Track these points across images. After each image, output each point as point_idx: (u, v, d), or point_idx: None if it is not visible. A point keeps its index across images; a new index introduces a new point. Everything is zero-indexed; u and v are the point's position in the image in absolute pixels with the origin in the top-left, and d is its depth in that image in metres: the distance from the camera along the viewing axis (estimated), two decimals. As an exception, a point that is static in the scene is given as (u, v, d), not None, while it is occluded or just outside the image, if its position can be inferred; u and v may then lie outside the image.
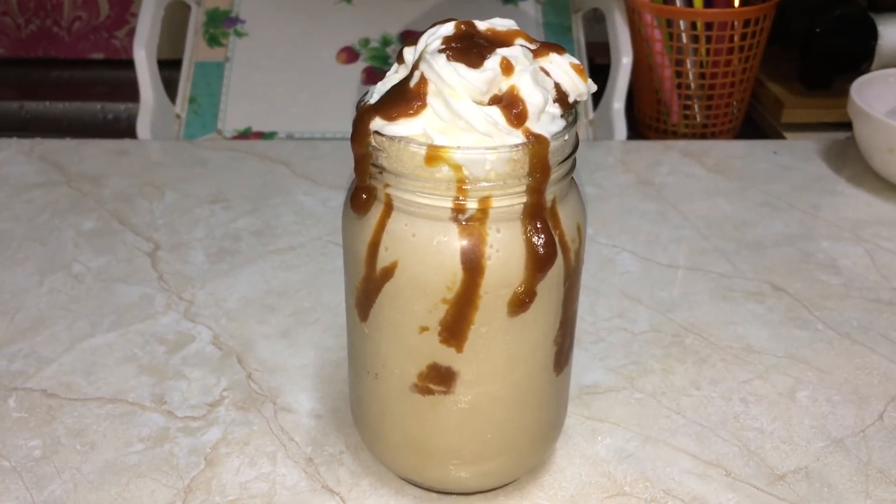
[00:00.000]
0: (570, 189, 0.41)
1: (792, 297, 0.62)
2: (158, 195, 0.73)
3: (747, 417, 0.51)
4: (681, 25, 0.87)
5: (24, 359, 0.55)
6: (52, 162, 0.78)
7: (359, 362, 0.44)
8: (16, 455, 0.47)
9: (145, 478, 0.46)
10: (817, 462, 0.48)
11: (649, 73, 0.91)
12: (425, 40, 0.39)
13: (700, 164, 0.81)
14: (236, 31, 0.95)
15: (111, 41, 1.06)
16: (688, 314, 0.60)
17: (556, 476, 0.47)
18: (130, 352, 0.55)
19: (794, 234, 0.70)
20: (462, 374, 0.40)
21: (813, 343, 0.58)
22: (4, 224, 0.69)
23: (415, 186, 0.37)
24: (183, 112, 0.91)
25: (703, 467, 0.48)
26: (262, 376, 0.54)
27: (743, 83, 0.90)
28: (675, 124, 0.92)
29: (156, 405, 0.51)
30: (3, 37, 1.05)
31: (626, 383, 0.54)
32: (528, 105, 0.37)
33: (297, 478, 0.46)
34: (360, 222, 0.40)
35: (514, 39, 0.39)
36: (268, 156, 0.80)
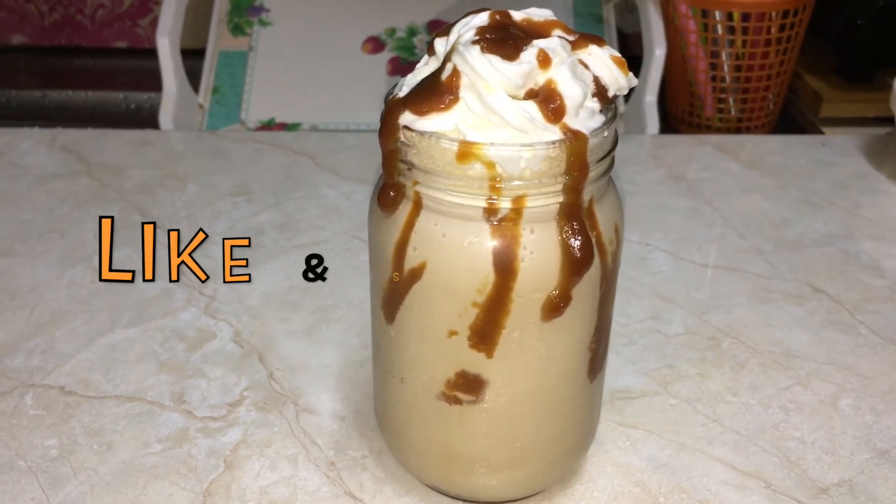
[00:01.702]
0: (608, 188, 0.39)
1: (833, 299, 0.60)
2: (180, 187, 0.72)
3: (787, 426, 0.49)
4: (716, 16, 0.84)
5: (41, 354, 0.53)
6: (74, 152, 0.77)
7: (384, 365, 0.42)
8: (32, 454, 0.46)
9: (163, 480, 0.45)
10: (862, 475, 0.46)
11: (683, 66, 0.88)
12: (458, 31, 0.37)
13: (735, 159, 0.78)
14: (261, 20, 0.94)
15: (135, 30, 1.05)
16: (724, 316, 0.58)
17: (588, 485, 0.45)
18: (150, 348, 0.54)
19: (835, 234, 0.67)
20: (492, 381, 0.39)
21: (856, 348, 0.55)
22: (25, 215, 0.68)
23: (445, 184, 0.36)
24: (206, 102, 0.89)
25: (742, 478, 0.46)
26: (284, 376, 0.52)
27: (780, 76, 0.87)
28: (708, 118, 0.90)
29: (175, 404, 0.50)
30: (27, 25, 1.04)
31: (660, 388, 0.52)
32: (567, 100, 0.35)
33: (319, 482, 0.45)
34: (387, 221, 0.38)
35: (551, 30, 0.37)
36: (291, 148, 0.79)
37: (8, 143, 0.78)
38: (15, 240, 0.65)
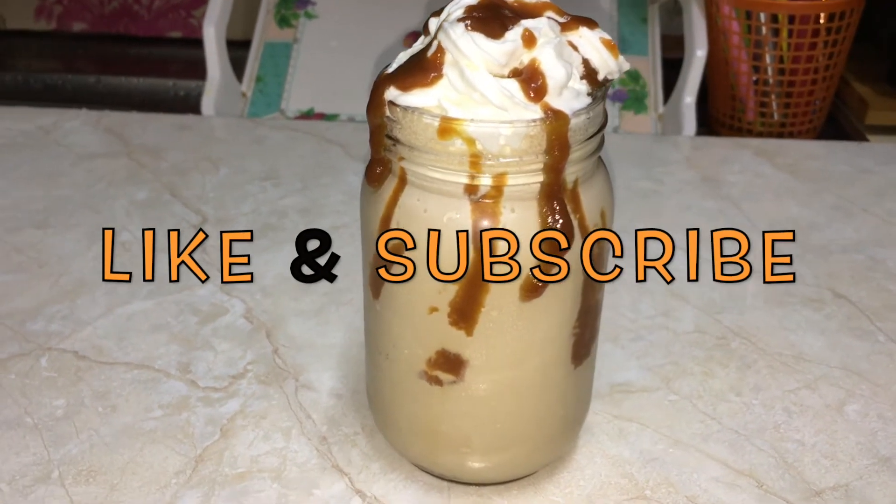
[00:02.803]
0: (597, 171, 0.39)
1: (854, 305, 0.58)
2: (213, 170, 0.74)
3: (788, 428, 0.48)
4: (761, 17, 0.83)
5: (61, 320, 0.55)
6: (117, 133, 0.80)
7: (372, 342, 0.43)
8: (39, 413, 0.48)
9: (159, 444, 0.46)
10: (860, 480, 0.45)
11: (725, 68, 0.87)
12: (449, 10, 0.37)
13: (771, 163, 0.77)
14: (307, 12, 0.96)
15: (189, 20, 1.08)
16: (737, 317, 0.57)
17: (575, 474, 0.45)
18: (164, 320, 0.56)
19: (865, 241, 0.66)
20: (472, 360, 0.39)
21: (871, 355, 0.54)
22: (63, 190, 0.71)
23: (427, 160, 0.36)
24: (249, 91, 0.91)
25: (734, 476, 0.45)
26: (289, 352, 0.53)
27: (826, 81, 0.85)
28: (750, 122, 0.88)
29: (181, 374, 0.51)
30: (87, 13, 1.08)
31: (661, 384, 0.51)
32: (549, 79, 0.35)
33: (309, 455, 0.46)
34: (374, 196, 0.39)
35: (542, 11, 0.37)
36: (325, 136, 0.80)
37: (54, 123, 0.81)
38: (49, 213, 0.67)
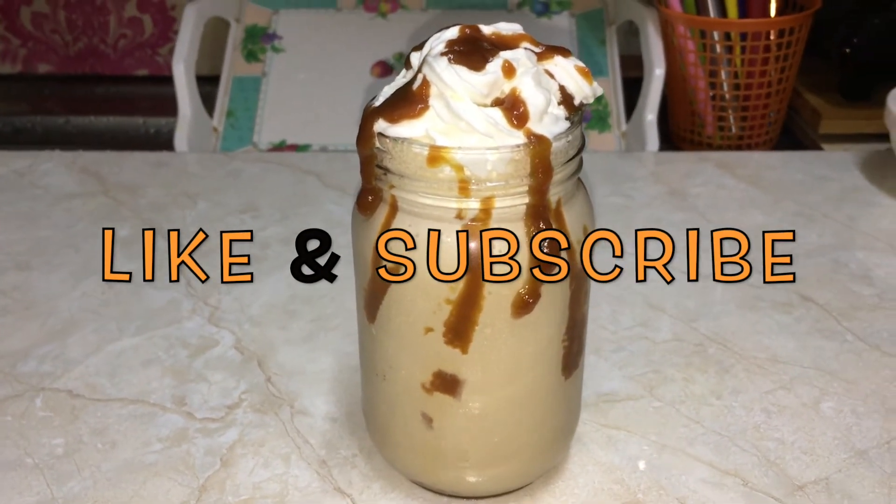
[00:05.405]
0: (577, 190, 0.41)
1: (821, 307, 0.61)
2: (191, 204, 0.75)
3: (768, 428, 0.50)
4: (714, 36, 0.86)
5: (52, 360, 0.56)
6: (93, 173, 0.80)
7: (369, 364, 0.44)
8: (39, 453, 0.49)
9: (162, 476, 0.47)
10: (839, 473, 0.47)
11: (683, 85, 0.90)
12: (430, 44, 0.39)
13: (733, 175, 0.80)
14: (273, 46, 0.97)
15: (154, 58, 1.09)
16: (712, 324, 0.59)
17: (569, 482, 0.47)
18: (155, 355, 0.57)
19: (828, 245, 0.68)
20: (468, 379, 0.40)
21: (840, 354, 0.56)
22: (43, 232, 0.71)
23: (418, 187, 0.38)
24: (220, 125, 0.93)
25: (720, 476, 0.47)
26: (281, 380, 0.54)
27: (779, 94, 0.88)
28: (710, 136, 0.91)
29: (176, 406, 0.52)
30: (53, 54, 1.08)
31: (644, 392, 0.53)
32: (530, 106, 0.37)
33: (310, 479, 0.47)
34: (366, 223, 0.40)
35: (519, 43, 0.40)
36: (300, 167, 0.81)
37: (29, 166, 0.81)
38: (32, 255, 0.68)
